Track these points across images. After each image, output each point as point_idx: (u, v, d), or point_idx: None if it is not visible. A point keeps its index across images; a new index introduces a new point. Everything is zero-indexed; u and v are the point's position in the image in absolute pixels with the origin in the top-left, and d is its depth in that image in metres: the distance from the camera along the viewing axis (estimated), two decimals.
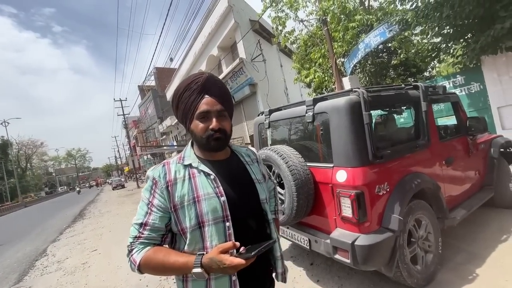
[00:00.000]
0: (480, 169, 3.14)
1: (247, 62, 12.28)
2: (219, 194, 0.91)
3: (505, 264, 2.28)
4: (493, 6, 3.91)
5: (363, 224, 1.95)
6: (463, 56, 5.33)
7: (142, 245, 0.87)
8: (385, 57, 10.16)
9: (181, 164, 0.96)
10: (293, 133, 2.67)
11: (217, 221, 0.88)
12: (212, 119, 0.92)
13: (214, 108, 0.92)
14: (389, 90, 2.37)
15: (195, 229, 0.88)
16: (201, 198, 0.89)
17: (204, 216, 0.88)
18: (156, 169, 0.94)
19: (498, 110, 5.12)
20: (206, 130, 0.92)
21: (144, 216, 0.89)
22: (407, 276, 2.06)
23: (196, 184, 0.91)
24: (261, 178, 1.09)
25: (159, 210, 0.89)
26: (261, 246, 0.80)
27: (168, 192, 0.90)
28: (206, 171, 0.94)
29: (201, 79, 0.93)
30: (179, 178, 0.92)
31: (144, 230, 0.88)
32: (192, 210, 0.88)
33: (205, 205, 0.88)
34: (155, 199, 0.90)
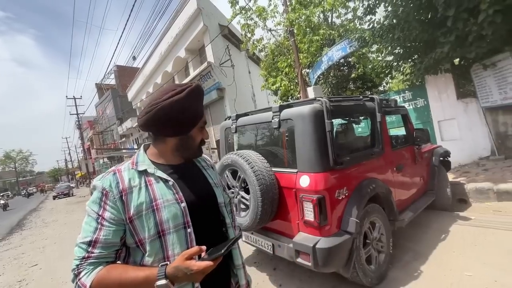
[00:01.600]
0: (424, 176, 3.51)
1: (215, 67, 12.21)
2: (179, 200, 0.87)
3: (443, 261, 2.55)
4: (435, 32, 4.46)
5: (324, 227, 2.03)
6: (411, 74, 5.97)
7: (92, 266, 0.77)
8: (346, 71, 10.91)
9: (135, 171, 0.88)
10: (259, 138, 2.70)
11: (178, 228, 0.85)
12: (205, 129, 0.98)
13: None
14: (349, 101, 2.53)
15: (155, 238, 0.82)
16: (160, 206, 0.84)
17: (164, 224, 0.83)
18: (106, 178, 0.84)
19: (438, 123, 5.80)
20: (202, 140, 0.98)
21: (93, 232, 0.79)
22: (362, 276, 2.19)
23: (154, 191, 0.85)
24: (218, 182, 1.07)
25: (112, 223, 0.80)
26: (229, 242, 0.79)
27: (122, 203, 0.82)
28: (164, 177, 0.89)
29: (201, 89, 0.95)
30: (134, 186, 0.84)
31: (94, 249, 0.78)
32: (151, 219, 0.82)
33: (165, 212, 0.83)
34: (106, 212, 0.81)
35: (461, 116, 5.49)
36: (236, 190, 2.45)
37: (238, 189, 2.44)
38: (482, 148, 5.37)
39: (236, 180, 2.44)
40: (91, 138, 35.23)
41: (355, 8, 9.02)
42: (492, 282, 2.12)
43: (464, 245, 2.77)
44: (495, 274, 2.21)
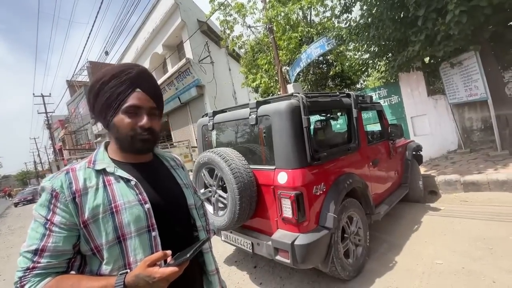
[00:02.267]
0: (398, 169, 3.64)
1: (195, 63, 11.93)
2: (143, 201, 0.80)
3: (416, 251, 2.66)
4: (407, 31, 4.63)
5: (302, 223, 2.02)
6: (385, 72, 6.17)
7: (38, 278, 0.69)
8: (325, 68, 11.11)
9: (91, 169, 0.80)
10: (237, 135, 2.64)
11: (141, 232, 0.77)
12: (142, 115, 0.81)
13: (147, 104, 0.82)
14: (325, 97, 2.55)
15: (113, 244, 0.74)
16: (120, 208, 0.76)
17: (125, 228, 0.75)
18: (57, 178, 0.76)
19: (411, 119, 6.06)
20: (133, 127, 0.80)
21: (40, 239, 0.71)
22: (340, 270, 2.22)
23: (113, 192, 0.78)
24: (188, 183, 1.01)
25: (63, 229, 0.72)
26: (195, 245, 0.72)
27: (75, 205, 0.73)
28: (125, 176, 0.81)
29: (134, 70, 0.82)
30: (90, 186, 0.77)
31: (41, 258, 0.70)
32: (109, 222, 0.75)
33: (125, 215, 0.76)
34: (56, 216, 0.72)
35: (431, 112, 5.78)
36: (214, 189, 2.39)
37: (215, 187, 2.38)
38: (450, 142, 5.69)
39: (213, 179, 2.37)
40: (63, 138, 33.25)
41: (332, 6, 9.19)
42: (460, 269, 2.24)
43: (434, 235, 2.91)
44: (463, 261, 2.34)
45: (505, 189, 3.65)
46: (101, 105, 0.81)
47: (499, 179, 3.72)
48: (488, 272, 2.14)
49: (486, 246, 2.50)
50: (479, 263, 2.27)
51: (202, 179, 2.50)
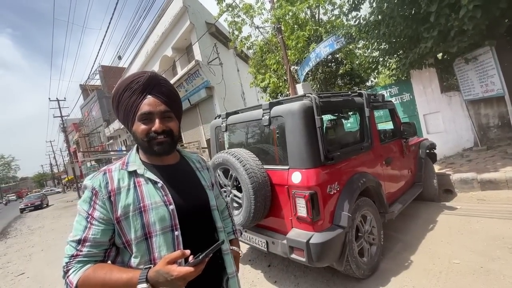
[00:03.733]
0: (412, 168, 3.60)
1: (204, 65, 12.06)
2: (168, 203, 0.86)
3: (432, 250, 2.63)
4: (419, 27, 4.56)
5: (317, 222, 2.05)
6: (397, 69, 6.09)
7: (81, 264, 0.78)
8: (334, 67, 11.03)
9: (125, 171, 0.88)
10: (250, 136, 2.69)
11: (165, 231, 0.84)
12: (154, 120, 0.86)
13: (158, 109, 0.86)
14: (337, 97, 2.56)
15: (141, 240, 0.82)
16: (147, 208, 0.83)
17: (151, 226, 0.82)
18: (96, 178, 0.85)
19: (424, 117, 5.96)
20: (148, 132, 0.86)
21: (82, 231, 0.80)
22: (355, 268, 2.23)
23: (142, 193, 0.85)
24: (212, 184, 1.06)
25: (101, 223, 0.81)
26: (209, 249, 0.76)
27: (110, 203, 0.82)
28: (153, 178, 0.88)
29: (143, 78, 0.87)
30: (123, 187, 0.84)
31: (83, 247, 0.79)
32: (138, 220, 0.82)
33: (152, 214, 0.83)
34: (95, 211, 0.81)
35: (445, 109, 5.66)
36: (229, 189, 2.44)
37: (230, 187, 2.43)
38: (466, 140, 5.56)
39: (228, 179, 2.43)
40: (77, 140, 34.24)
41: (341, 4, 9.11)
42: (479, 268, 2.21)
43: (451, 234, 2.87)
44: (481, 260, 2.30)
45: None
46: (123, 117, 0.89)
47: None
48: (507, 271, 2.10)
49: (506, 246, 2.45)
50: (498, 263, 2.23)
51: (217, 180, 2.55)
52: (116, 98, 0.89)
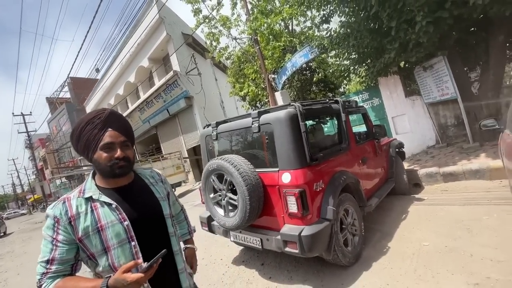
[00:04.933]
0: (384, 166, 4.00)
1: (182, 75, 12.13)
2: (122, 220, 1.02)
3: (405, 236, 2.98)
4: (383, 40, 5.10)
5: (307, 217, 2.29)
6: (366, 77, 6.66)
7: (51, 279, 0.93)
8: (308, 75, 11.62)
9: (82, 198, 1.02)
10: (240, 142, 2.89)
11: (122, 243, 1.00)
12: (116, 149, 1.02)
13: (118, 139, 1.03)
14: (317, 104, 2.86)
15: (102, 253, 0.98)
16: (104, 227, 0.99)
17: (109, 241, 0.98)
18: (57, 207, 0.99)
19: (392, 119, 6.55)
20: (110, 159, 1.01)
21: (49, 252, 0.95)
22: (342, 257, 2.49)
23: (98, 215, 1.00)
24: (165, 195, 1.22)
25: (65, 244, 0.96)
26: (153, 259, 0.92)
27: (72, 227, 0.97)
28: (107, 201, 1.02)
29: (104, 115, 1.04)
30: (81, 212, 0.99)
31: (52, 265, 0.94)
32: (97, 238, 0.98)
33: (109, 231, 0.99)
34: (59, 235, 0.96)
35: (410, 112, 6.28)
36: (224, 192, 2.61)
37: (225, 191, 2.60)
38: (429, 138, 6.20)
39: (223, 183, 2.60)
40: (44, 157, 32.03)
41: (311, 17, 9.74)
42: (444, 248, 2.57)
43: (421, 221, 3.25)
44: (445, 241, 2.67)
45: (478, 177, 4.09)
46: (83, 146, 1.03)
47: (472, 168, 4.16)
48: (466, 248, 2.48)
49: (465, 227, 2.86)
50: (459, 241, 2.61)
51: (212, 185, 2.71)
52: (77, 131, 1.03)
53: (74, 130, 1.04)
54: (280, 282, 2.69)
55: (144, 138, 16.54)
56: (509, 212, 2.89)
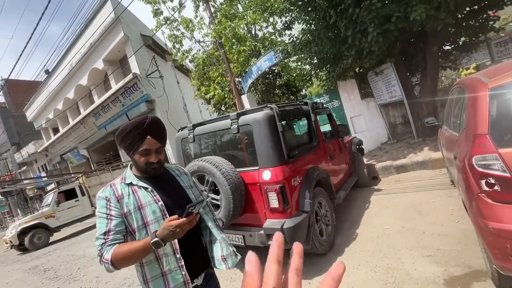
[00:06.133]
0: (348, 161, 4.40)
1: (142, 78, 11.57)
2: (157, 200, 1.20)
3: (370, 223, 3.34)
4: (341, 47, 5.61)
5: (287, 210, 2.45)
6: (326, 81, 7.19)
7: (109, 246, 1.08)
8: (271, 79, 12.04)
9: (123, 183, 1.22)
10: (218, 144, 2.96)
11: (158, 219, 1.18)
12: (152, 155, 1.20)
13: (155, 146, 1.21)
14: (290, 106, 3.07)
15: (142, 227, 1.16)
16: (144, 205, 1.18)
17: (148, 217, 1.17)
18: (106, 190, 1.19)
19: (351, 119, 7.17)
20: (146, 162, 1.20)
21: (106, 226, 1.12)
22: (318, 245, 2.71)
23: (139, 196, 1.19)
24: (190, 184, 1.39)
25: (118, 217, 1.14)
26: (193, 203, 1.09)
27: (119, 204, 1.16)
28: (144, 185, 1.22)
29: (146, 123, 1.19)
30: (125, 194, 1.19)
31: (109, 235, 1.10)
32: (138, 214, 1.16)
33: (147, 209, 1.17)
34: (112, 211, 1.14)
35: (365, 112, 6.95)
36: (205, 193, 2.65)
37: (207, 192, 2.64)
38: (382, 136, 6.93)
39: (204, 185, 2.64)
40: None
41: (273, 22, 10.16)
42: (401, 229, 2.96)
43: (381, 208, 3.67)
44: (402, 223, 3.07)
45: (423, 168, 4.73)
46: (126, 146, 1.21)
47: (418, 160, 4.81)
48: (419, 227, 2.89)
49: (416, 210, 3.32)
50: (413, 222, 3.03)
51: None
52: (123, 134, 1.20)
53: (121, 132, 1.20)
54: None
55: (99, 146, 15.29)
56: (450, 195, 3.43)
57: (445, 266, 2.18)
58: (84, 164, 16.23)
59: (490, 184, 1.56)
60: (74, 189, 9.62)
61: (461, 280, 2.00)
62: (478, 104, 1.72)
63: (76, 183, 10.03)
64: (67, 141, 16.23)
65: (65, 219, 9.01)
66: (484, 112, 1.66)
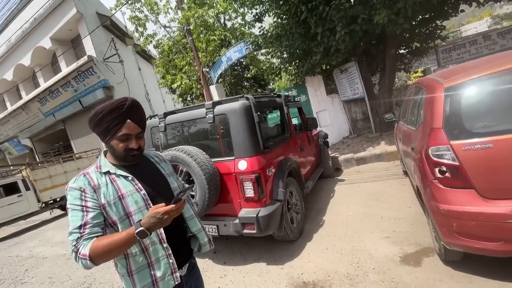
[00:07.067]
0: (315, 153, 4.63)
1: (99, 62, 10.59)
2: (139, 189, 1.13)
3: (335, 210, 3.58)
4: (310, 44, 5.80)
5: (262, 199, 2.51)
6: (295, 75, 7.39)
7: (86, 241, 0.98)
8: (240, 71, 11.97)
9: (99, 172, 1.12)
10: (192, 134, 2.88)
11: (141, 209, 1.10)
12: (132, 140, 1.12)
13: (135, 131, 1.12)
14: (265, 97, 3.10)
15: (125, 219, 1.07)
16: (125, 195, 1.09)
17: (130, 207, 1.09)
18: (79, 180, 1.08)
19: (317, 114, 7.50)
20: (125, 148, 1.11)
21: (81, 219, 1.01)
22: (290, 232, 2.83)
23: (118, 185, 1.10)
24: (170, 172, 1.33)
25: (95, 208, 1.04)
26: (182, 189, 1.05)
27: (96, 194, 1.06)
28: (124, 174, 1.13)
29: (125, 106, 1.10)
30: (101, 183, 1.09)
31: (85, 229, 1.00)
32: (119, 205, 1.07)
33: (129, 199, 1.09)
34: (88, 202, 1.04)
35: (330, 108, 7.33)
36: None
37: None
38: (344, 130, 7.40)
39: (177, 175, 2.55)
40: None
41: (243, 13, 10.03)
42: (363, 214, 3.24)
43: (344, 197, 3.96)
44: (363, 210, 3.36)
45: (380, 160, 5.20)
46: (101, 131, 1.11)
47: (376, 153, 5.26)
48: (378, 212, 3.20)
49: (375, 198, 3.65)
50: (373, 209, 3.33)
51: None
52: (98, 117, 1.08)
53: (96, 115, 1.08)
54: (235, 264, 2.85)
55: (46, 135, 13.69)
56: (402, 184, 3.83)
57: (400, 246, 2.46)
58: (27, 155, 14.40)
59: (442, 171, 1.79)
60: (16, 183, 8.50)
61: (413, 257, 2.28)
62: (434, 102, 1.94)
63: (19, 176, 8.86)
64: (5, 129, 14.22)
65: (5, 217, 7.95)
66: (439, 109, 1.88)
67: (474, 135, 1.69)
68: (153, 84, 14.49)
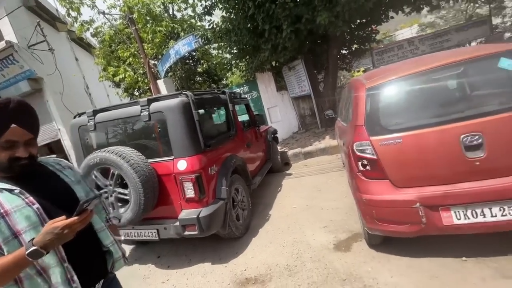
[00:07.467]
0: (264, 149, 4.72)
1: (22, 49, 9.12)
2: (30, 203, 0.95)
3: (281, 204, 3.71)
4: (259, 40, 5.84)
5: (204, 199, 2.45)
6: (246, 71, 7.40)
7: None
8: (192, 65, 11.53)
9: None
10: (126, 133, 2.66)
11: (35, 226, 0.93)
12: (19, 148, 0.95)
13: (23, 138, 0.96)
14: (208, 94, 3.03)
15: (12, 239, 0.89)
16: (10, 212, 0.90)
17: (18, 225, 0.91)
18: None
19: (267, 110, 7.65)
20: (10, 157, 0.94)
21: None
22: (235, 230, 2.83)
23: (1, 201, 0.91)
24: (77, 180, 1.18)
25: None
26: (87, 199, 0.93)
27: None
28: (7, 187, 0.95)
29: (9, 107, 0.93)
30: None
31: None
32: (2, 224, 0.89)
33: (16, 216, 0.91)
34: None
35: (280, 104, 7.55)
36: (111, 188, 2.36)
37: (112, 187, 2.35)
38: (294, 126, 7.71)
39: (109, 179, 2.34)
40: None
41: (193, 4, 9.63)
42: (305, 206, 3.42)
43: (290, 190, 4.13)
44: (306, 202, 3.55)
45: (325, 153, 5.55)
46: None
47: (321, 147, 5.59)
48: (319, 204, 3.41)
49: (317, 189, 3.88)
50: (315, 200, 3.54)
51: (94, 182, 2.38)
52: None
53: None
54: (179, 267, 2.75)
55: None
56: (342, 176, 4.15)
57: (335, 234, 2.66)
58: None
59: (364, 164, 1.97)
60: None
61: (345, 243, 2.48)
62: (358, 100, 2.11)
63: None
64: None
65: None
66: (362, 107, 2.05)
67: (389, 132, 1.89)
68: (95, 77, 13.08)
